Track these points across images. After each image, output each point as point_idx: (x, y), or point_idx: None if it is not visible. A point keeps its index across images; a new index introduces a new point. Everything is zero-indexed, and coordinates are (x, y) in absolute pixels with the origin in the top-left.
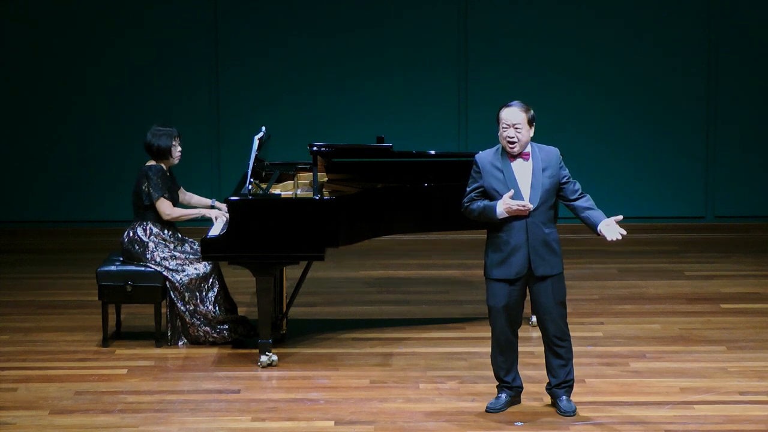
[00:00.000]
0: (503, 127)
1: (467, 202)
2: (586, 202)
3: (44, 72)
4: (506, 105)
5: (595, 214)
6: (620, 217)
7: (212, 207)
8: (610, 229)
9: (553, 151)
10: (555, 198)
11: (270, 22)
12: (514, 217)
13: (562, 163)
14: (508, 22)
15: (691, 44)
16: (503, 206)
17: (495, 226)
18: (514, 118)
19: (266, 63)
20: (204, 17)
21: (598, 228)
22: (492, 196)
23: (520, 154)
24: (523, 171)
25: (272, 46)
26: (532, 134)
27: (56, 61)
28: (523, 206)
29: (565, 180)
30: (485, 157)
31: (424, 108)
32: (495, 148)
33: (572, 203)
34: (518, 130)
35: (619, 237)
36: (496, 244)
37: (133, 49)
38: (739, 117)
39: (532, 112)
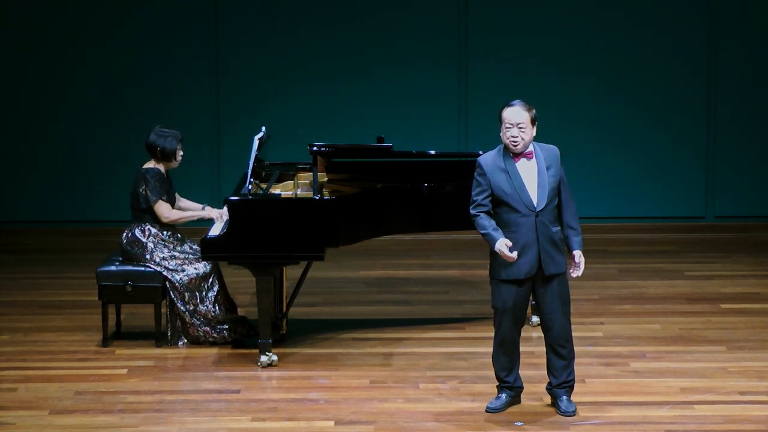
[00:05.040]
0: (507, 127)
1: (474, 211)
2: (572, 218)
3: (43, 71)
4: (508, 104)
5: (575, 238)
6: (582, 259)
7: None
8: (578, 266)
9: (554, 150)
10: (558, 196)
11: (270, 22)
12: (522, 216)
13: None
14: (508, 20)
15: (691, 44)
16: (499, 247)
17: (503, 225)
18: (517, 118)
19: (266, 63)
20: (204, 17)
21: (572, 253)
22: (500, 197)
23: (523, 154)
24: (528, 170)
25: (272, 46)
26: (534, 134)
27: (55, 60)
28: (510, 258)
29: (562, 181)
30: (488, 159)
31: (424, 108)
32: (497, 149)
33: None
34: (522, 130)
35: (579, 275)
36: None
37: (133, 48)
38: (739, 117)
39: (534, 111)
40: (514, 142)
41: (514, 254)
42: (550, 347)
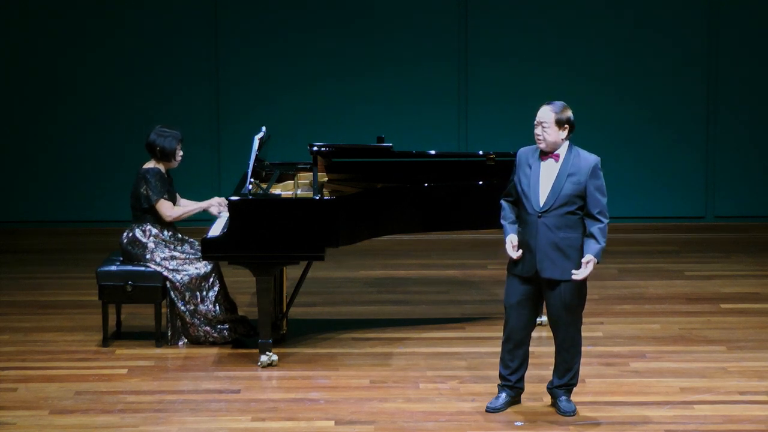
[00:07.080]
0: (534, 124)
1: (502, 199)
2: (596, 231)
3: (44, 71)
4: (546, 103)
5: (592, 245)
6: (592, 260)
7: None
8: (583, 267)
9: (589, 160)
10: (581, 205)
11: (270, 21)
12: (528, 214)
13: (599, 174)
14: (508, 19)
15: (691, 43)
16: (506, 243)
17: (520, 221)
18: (542, 116)
19: (266, 62)
20: (204, 16)
21: (583, 258)
22: (518, 191)
23: (551, 155)
24: (548, 171)
25: (272, 46)
26: (563, 136)
27: (56, 60)
28: (512, 255)
29: (589, 194)
30: (525, 152)
31: (424, 107)
32: (535, 145)
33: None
34: (545, 129)
35: (578, 278)
36: (518, 239)
37: (133, 48)
38: (739, 116)
39: (567, 114)
40: (537, 139)
41: (517, 254)
42: (556, 348)
